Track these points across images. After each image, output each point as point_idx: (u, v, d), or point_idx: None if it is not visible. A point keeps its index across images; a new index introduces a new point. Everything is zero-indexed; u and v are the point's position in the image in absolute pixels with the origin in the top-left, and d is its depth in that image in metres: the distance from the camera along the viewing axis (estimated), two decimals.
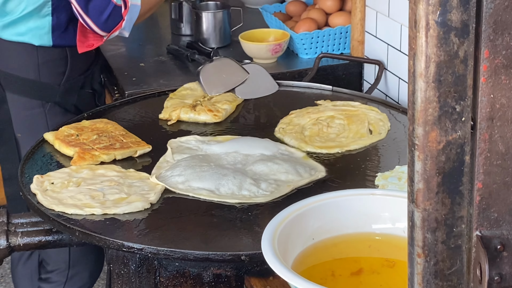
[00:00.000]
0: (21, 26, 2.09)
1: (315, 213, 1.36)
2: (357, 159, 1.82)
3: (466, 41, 0.71)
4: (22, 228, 1.67)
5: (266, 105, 2.17)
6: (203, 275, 1.55)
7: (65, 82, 2.16)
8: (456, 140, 0.74)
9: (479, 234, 0.77)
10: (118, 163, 1.81)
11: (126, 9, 2.05)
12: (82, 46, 2.08)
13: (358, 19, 2.44)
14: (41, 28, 2.09)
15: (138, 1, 2.08)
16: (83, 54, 2.15)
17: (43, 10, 2.08)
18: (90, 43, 2.08)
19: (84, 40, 2.08)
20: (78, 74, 2.19)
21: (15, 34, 2.10)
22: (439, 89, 0.72)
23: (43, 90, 2.15)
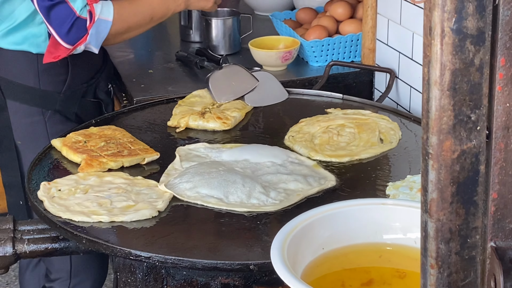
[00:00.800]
0: (18, 34, 2.06)
1: (325, 222, 1.34)
2: (368, 168, 1.80)
3: (482, 49, 0.70)
4: (29, 235, 1.65)
5: (276, 113, 2.16)
6: (211, 285, 1.53)
7: (66, 90, 2.13)
8: (471, 150, 0.73)
9: (493, 245, 0.76)
10: (126, 170, 1.80)
11: (91, 22, 1.99)
12: (49, 57, 2.01)
13: (369, 27, 2.42)
14: (38, 36, 2.07)
15: (109, 17, 2.02)
16: (85, 63, 2.13)
17: (36, 17, 2.04)
18: (57, 54, 2.02)
19: (54, 51, 2.01)
20: (80, 83, 2.16)
21: (13, 43, 2.08)
22: (454, 98, 0.71)
23: (43, 97, 2.12)
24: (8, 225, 1.66)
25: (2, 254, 1.62)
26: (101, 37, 2.02)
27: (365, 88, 2.47)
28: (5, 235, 1.63)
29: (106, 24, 2.01)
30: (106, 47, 2.27)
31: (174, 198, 1.67)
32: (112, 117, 2.11)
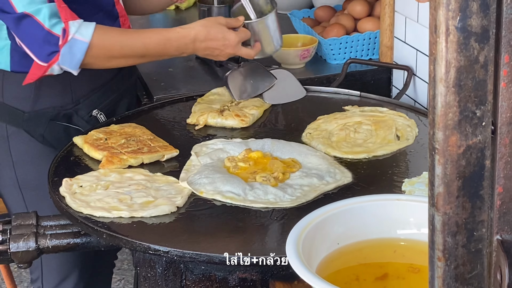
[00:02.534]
0: None
1: (340, 218, 1.36)
2: (384, 165, 1.82)
3: (486, 46, 0.72)
4: (51, 231, 1.69)
5: (294, 110, 2.18)
6: (229, 279, 1.56)
7: (30, 110, 2.02)
8: (477, 145, 0.74)
9: (499, 238, 0.77)
10: (146, 167, 1.83)
11: (63, 40, 1.84)
12: (28, 78, 1.89)
13: (387, 25, 2.44)
14: (2, 51, 1.98)
15: (85, 38, 1.85)
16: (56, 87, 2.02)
17: (1, 32, 1.96)
18: (34, 74, 1.89)
19: (33, 72, 1.89)
20: (47, 106, 2.03)
21: None
22: (459, 94, 0.73)
23: (8, 113, 2.03)
24: (31, 221, 1.70)
25: (25, 249, 1.66)
26: (76, 59, 1.86)
27: (383, 86, 2.49)
28: (28, 230, 1.67)
29: (81, 45, 1.85)
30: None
31: (193, 194, 1.70)
32: (133, 114, 2.14)
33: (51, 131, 2.04)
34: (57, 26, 1.84)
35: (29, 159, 2.05)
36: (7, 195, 2.13)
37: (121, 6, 2.10)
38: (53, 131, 2.04)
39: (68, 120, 2.06)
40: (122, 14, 2.10)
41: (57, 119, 2.04)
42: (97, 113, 2.09)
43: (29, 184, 2.07)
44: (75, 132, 2.04)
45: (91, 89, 2.09)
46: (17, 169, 2.07)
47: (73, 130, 2.05)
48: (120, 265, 3.34)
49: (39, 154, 2.05)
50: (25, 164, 2.06)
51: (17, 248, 1.65)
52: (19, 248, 1.65)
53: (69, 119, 2.06)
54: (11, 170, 2.07)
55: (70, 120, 2.06)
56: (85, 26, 1.86)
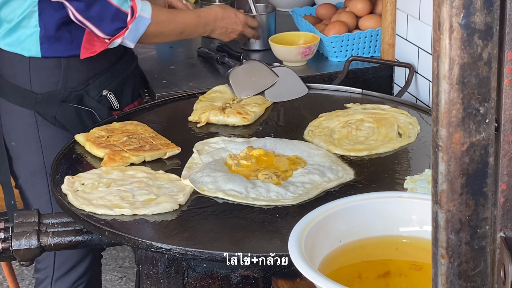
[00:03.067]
0: (13, 36, 2.09)
1: (342, 215, 1.36)
2: (386, 162, 1.82)
3: (490, 43, 0.72)
4: (53, 228, 1.69)
5: (296, 108, 2.18)
6: (231, 277, 1.56)
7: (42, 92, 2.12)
8: (480, 142, 0.74)
9: (503, 236, 0.77)
10: (148, 164, 1.83)
11: (132, 18, 2.05)
12: (85, 53, 2.08)
13: (389, 22, 2.43)
14: (31, 39, 2.08)
15: (147, 14, 2.08)
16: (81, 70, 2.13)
17: (31, 20, 2.06)
18: (94, 49, 2.08)
19: (89, 47, 2.08)
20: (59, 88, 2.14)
21: (7, 44, 2.11)
22: (463, 91, 0.73)
23: (22, 96, 2.13)
24: (33, 219, 1.70)
25: (28, 247, 1.66)
26: (138, 34, 2.09)
27: (385, 83, 2.49)
28: (30, 228, 1.67)
29: (145, 21, 2.08)
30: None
31: (195, 191, 1.70)
32: (135, 112, 2.14)
33: (63, 113, 2.13)
34: (125, 4, 2.05)
35: (58, 143, 2.10)
36: (30, 184, 2.18)
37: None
38: (64, 113, 2.13)
39: (79, 101, 2.15)
40: None
41: (68, 100, 2.13)
42: (106, 93, 2.18)
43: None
44: (86, 114, 2.15)
45: (98, 71, 2.18)
46: (45, 154, 2.15)
47: (84, 112, 2.15)
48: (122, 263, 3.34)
49: (69, 137, 2.09)
50: (54, 148, 2.09)
51: (19, 246, 1.65)
52: (21, 245, 1.65)
53: (80, 100, 2.15)
54: (39, 156, 2.15)
55: (81, 101, 2.15)
56: (145, 5, 2.10)
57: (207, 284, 1.58)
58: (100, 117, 2.16)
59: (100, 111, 2.17)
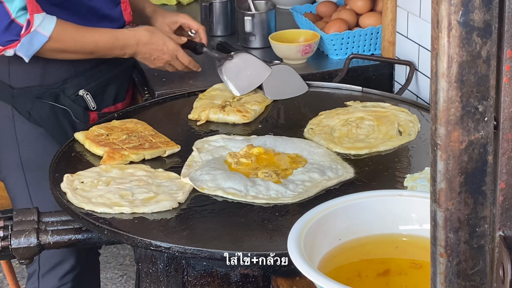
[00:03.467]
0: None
1: (342, 214, 1.36)
2: (386, 161, 1.81)
3: (489, 41, 0.71)
4: (53, 227, 1.69)
5: (296, 106, 2.17)
6: (231, 275, 1.55)
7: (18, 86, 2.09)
8: (479, 140, 0.74)
9: (502, 234, 0.77)
10: (147, 162, 1.83)
11: (26, 31, 1.94)
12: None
13: (389, 20, 2.43)
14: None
15: (46, 32, 1.96)
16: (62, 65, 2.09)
17: None
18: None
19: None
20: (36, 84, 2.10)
21: None
22: (462, 89, 0.72)
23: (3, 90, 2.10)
24: (33, 217, 1.70)
25: (27, 245, 1.65)
26: (33, 49, 1.98)
27: (385, 81, 2.48)
28: (30, 226, 1.67)
29: (41, 38, 1.97)
30: None
31: (195, 190, 1.70)
32: (134, 110, 2.14)
33: (38, 109, 2.10)
34: (22, 16, 1.93)
35: (34, 139, 2.10)
36: (10, 177, 2.17)
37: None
38: (39, 110, 2.10)
39: (54, 99, 2.11)
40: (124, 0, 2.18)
41: (44, 97, 2.10)
42: (83, 93, 2.13)
43: (32, 164, 2.12)
44: (61, 112, 2.11)
45: (79, 70, 2.14)
46: (21, 149, 2.12)
47: (59, 110, 2.11)
48: (122, 261, 3.34)
49: (44, 134, 2.10)
50: (30, 144, 2.10)
51: (18, 244, 1.65)
52: (21, 244, 1.65)
53: (56, 98, 2.11)
54: (15, 150, 2.13)
55: (57, 99, 2.11)
56: (48, 20, 1.96)
57: (207, 282, 1.57)
58: (75, 117, 2.13)
59: (75, 111, 2.13)
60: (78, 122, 2.13)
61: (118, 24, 2.17)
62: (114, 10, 2.15)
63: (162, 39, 2.17)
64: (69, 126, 2.13)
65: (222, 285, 1.57)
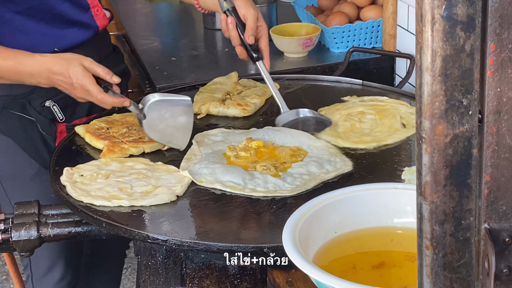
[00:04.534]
0: None
1: (337, 207, 1.37)
2: (386, 154, 1.81)
3: (473, 35, 0.72)
4: (53, 220, 1.70)
5: (296, 99, 2.17)
6: (229, 267, 1.56)
7: None
8: (464, 133, 0.75)
9: (487, 227, 0.78)
10: (147, 156, 1.84)
11: None
12: None
13: (390, 13, 2.43)
14: None
15: None
16: None
17: None
18: None
19: None
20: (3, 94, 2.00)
21: None
22: (446, 83, 0.73)
23: None
24: (33, 210, 1.71)
25: (27, 238, 1.67)
26: None
27: (386, 74, 2.48)
28: (30, 219, 1.68)
29: None
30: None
31: (193, 183, 1.70)
32: None
33: (5, 119, 2.02)
34: None
35: (5, 149, 2.04)
36: None
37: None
38: (7, 120, 2.02)
39: (21, 109, 2.02)
40: (94, 4, 2.06)
41: (11, 107, 2.02)
42: (50, 104, 2.02)
43: (7, 174, 2.07)
44: (29, 122, 2.02)
45: None
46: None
47: (27, 120, 2.02)
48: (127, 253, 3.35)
49: (13, 144, 2.04)
50: (2, 154, 2.05)
51: (19, 237, 1.66)
52: (21, 237, 1.66)
53: (23, 108, 2.02)
54: None
55: (24, 109, 2.02)
56: None
57: (205, 274, 1.58)
58: (42, 128, 2.03)
59: (41, 122, 2.03)
60: (45, 133, 2.04)
61: (89, 30, 2.06)
62: (83, 15, 2.04)
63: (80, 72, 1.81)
64: (38, 137, 2.04)
65: (220, 278, 1.58)
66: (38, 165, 2.04)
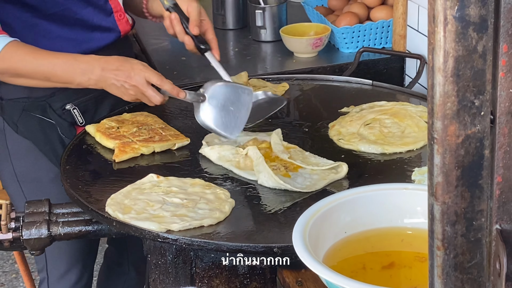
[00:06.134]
0: None
1: (347, 206, 1.37)
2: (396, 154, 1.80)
3: (485, 36, 0.72)
4: (63, 218, 1.71)
5: (307, 100, 2.17)
6: (238, 267, 1.57)
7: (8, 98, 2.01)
8: (475, 134, 0.75)
9: (498, 228, 0.78)
10: (157, 155, 1.84)
11: None
12: None
13: (400, 13, 2.43)
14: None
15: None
16: None
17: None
18: None
19: None
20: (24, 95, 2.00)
21: None
22: (458, 84, 0.73)
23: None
24: (44, 208, 1.72)
25: (38, 236, 1.67)
26: None
27: (396, 74, 2.48)
28: (41, 217, 1.69)
29: None
30: None
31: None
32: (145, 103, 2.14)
33: (25, 121, 2.02)
34: None
35: (25, 152, 2.05)
36: (9, 188, 2.13)
37: (116, 1, 2.05)
38: (26, 122, 2.02)
39: (42, 112, 2.02)
40: (117, 9, 2.06)
41: (31, 110, 2.01)
42: (70, 107, 2.02)
43: (27, 176, 2.07)
44: (48, 125, 2.02)
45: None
46: (14, 162, 2.07)
47: (46, 123, 2.02)
48: None
49: (33, 147, 2.04)
50: (22, 157, 2.05)
51: (29, 236, 1.67)
52: (32, 235, 1.67)
53: (43, 111, 2.02)
54: (8, 163, 2.07)
55: (44, 112, 2.02)
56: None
57: (215, 274, 1.59)
58: (61, 131, 2.02)
59: (61, 125, 2.02)
60: (64, 137, 2.03)
61: (111, 34, 2.05)
62: (106, 20, 2.03)
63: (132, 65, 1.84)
64: (57, 141, 2.03)
65: (229, 277, 1.58)
66: (57, 169, 2.04)
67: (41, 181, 2.01)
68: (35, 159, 2.04)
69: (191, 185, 1.67)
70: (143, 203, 1.59)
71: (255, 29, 2.68)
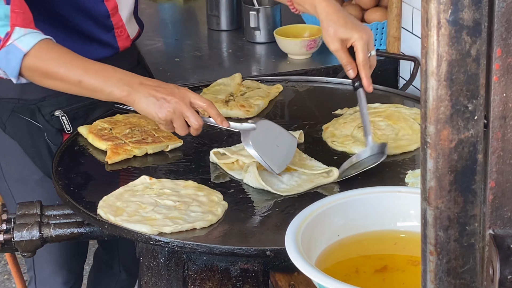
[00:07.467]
0: None
1: (340, 210, 1.36)
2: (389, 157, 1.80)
3: (478, 40, 0.71)
4: (55, 220, 1.70)
5: (300, 101, 2.17)
6: (231, 270, 1.56)
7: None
8: (469, 139, 0.74)
9: (492, 233, 0.77)
10: (150, 157, 1.84)
11: (2, 43, 1.71)
12: None
13: (395, 15, 2.43)
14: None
15: (25, 47, 1.70)
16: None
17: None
18: None
19: None
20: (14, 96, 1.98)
21: None
22: (451, 88, 0.72)
23: None
24: (36, 210, 1.70)
25: (29, 238, 1.66)
26: (12, 66, 1.72)
27: (390, 76, 2.48)
28: (32, 219, 1.68)
29: (18, 53, 1.71)
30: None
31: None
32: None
33: (13, 122, 2.00)
34: (2, 28, 1.72)
35: (12, 151, 2.04)
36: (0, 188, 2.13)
37: (118, 17, 2.03)
38: (14, 123, 2.00)
39: (30, 115, 1.99)
40: (118, 25, 2.04)
41: (20, 111, 1.99)
42: (59, 114, 1.99)
43: (13, 176, 2.07)
44: (36, 129, 2.00)
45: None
46: (1, 160, 2.06)
47: (34, 127, 2.00)
48: None
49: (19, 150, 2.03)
50: (8, 156, 2.04)
51: (20, 237, 1.66)
52: (23, 237, 1.66)
53: (32, 114, 1.99)
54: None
55: (33, 116, 2.00)
56: (31, 36, 1.72)
57: (207, 276, 1.58)
58: (48, 137, 2.00)
59: (48, 130, 2.00)
60: (50, 142, 2.01)
61: (109, 49, 2.04)
62: (105, 35, 2.02)
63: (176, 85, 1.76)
64: (44, 145, 2.02)
65: (222, 280, 1.57)
66: (41, 172, 2.03)
67: (26, 182, 2.01)
68: (21, 159, 2.03)
69: (183, 187, 1.66)
70: (135, 205, 1.58)
71: (249, 30, 2.68)
